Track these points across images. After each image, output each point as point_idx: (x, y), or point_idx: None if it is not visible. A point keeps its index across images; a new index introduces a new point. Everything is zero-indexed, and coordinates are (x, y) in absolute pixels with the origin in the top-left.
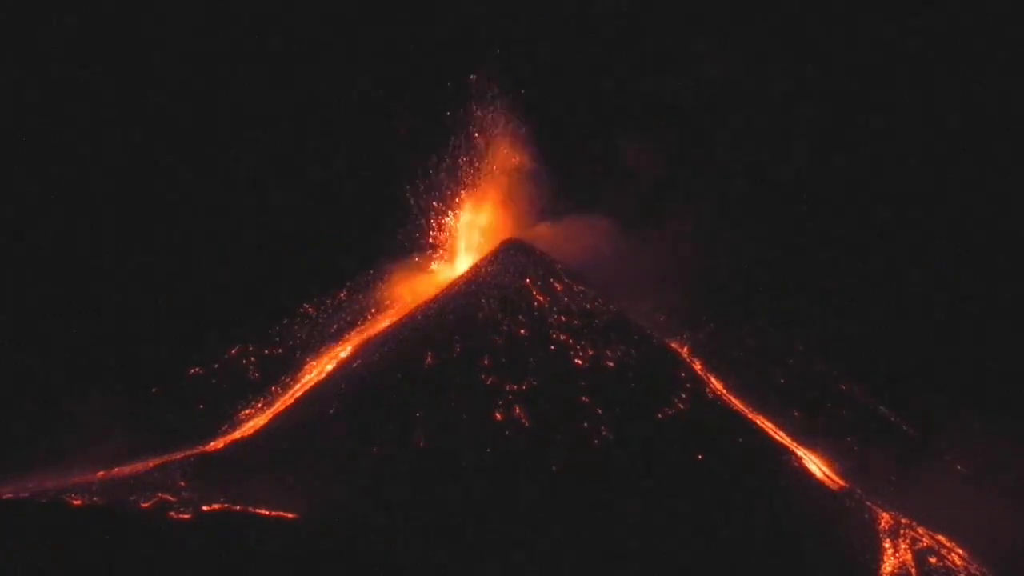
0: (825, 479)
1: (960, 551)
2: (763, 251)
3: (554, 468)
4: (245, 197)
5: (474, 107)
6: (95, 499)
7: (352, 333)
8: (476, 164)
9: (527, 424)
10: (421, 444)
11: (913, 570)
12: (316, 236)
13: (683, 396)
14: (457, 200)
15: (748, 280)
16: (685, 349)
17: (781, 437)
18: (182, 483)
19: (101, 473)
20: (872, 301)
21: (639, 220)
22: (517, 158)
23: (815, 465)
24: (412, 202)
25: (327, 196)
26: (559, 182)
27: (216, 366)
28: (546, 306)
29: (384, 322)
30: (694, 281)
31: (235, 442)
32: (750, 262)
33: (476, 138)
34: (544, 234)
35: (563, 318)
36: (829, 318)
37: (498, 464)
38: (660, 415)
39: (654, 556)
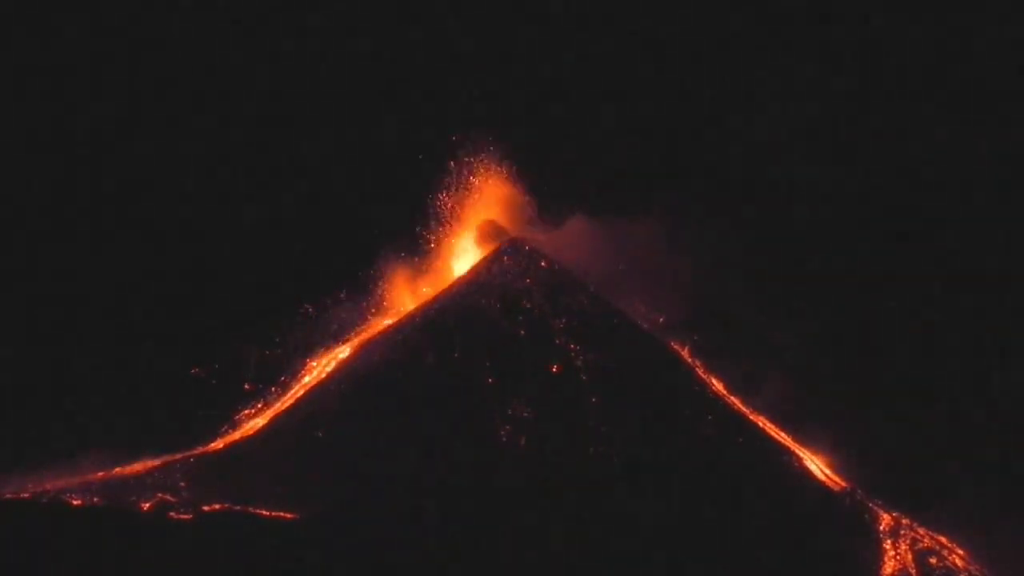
0: (825, 479)
1: (960, 551)
2: (765, 251)
3: (554, 469)
4: (245, 197)
5: (475, 108)
6: (95, 499)
7: (352, 333)
8: (478, 164)
9: (527, 424)
10: (421, 444)
11: (913, 570)
12: (316, 236)
13: (684, 397)
14: (458, 200)
15: (749, 280)
16: (685, 350)
17: (781, 437)
18: (182, 483)
19: (101, 473)
20: (873, 301)
21: (640, 220)
22: (519, 158)
23: (815, 465)
24: (412, 202)
25: (327, 196)
26: (561, 182)
27: (216, 366)
28: (546, 306)
29: (384, 322)
30: (695, 281)
31: (235, 442)
32: (752, 262)
33: (477, 138)
34: (545, 234)
35: (563, 319)
36: (830, 318)
37: (498, 464)
38: (660, 416)
39: (654, 556)
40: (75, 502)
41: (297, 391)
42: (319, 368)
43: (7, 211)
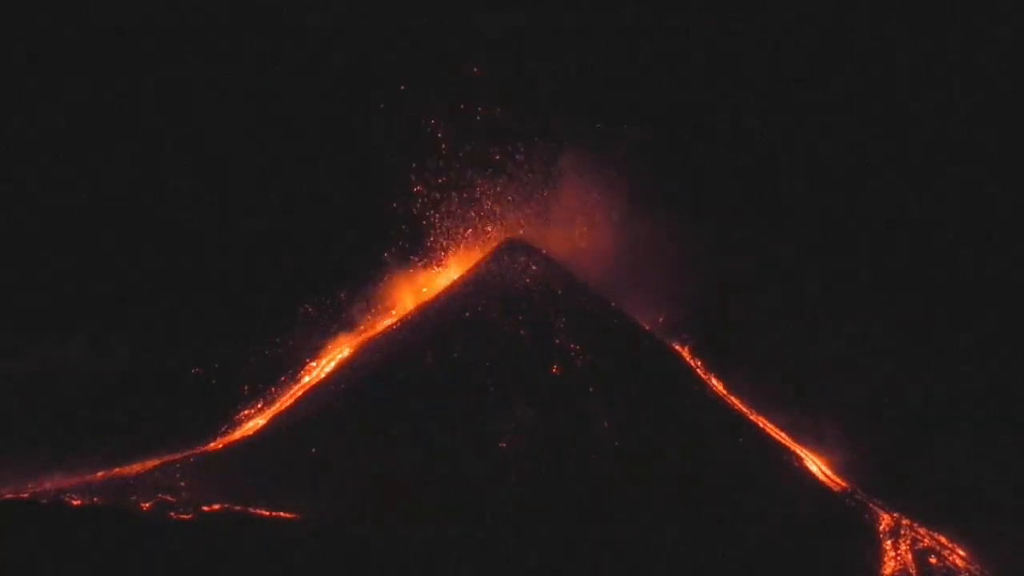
0: (825, 479)
1: (960, 551)
2: (765, 252)
3: (554, 469)
4: (245, 197)
5: (475, 107)
6: (95, 499)
7: (352, 333)
8: (478, 163)
9: (527, 425)
10: (421, 445)
11: (913, 570)
12: (316, 236)
13: (684, 396)
14: (458, 200)
15: (749, 280)
16: (686, 349)
17: (781, 437)
18: (182, 483)
19: (101, 473)
20: (872, 301)
21: (640, 220)
22: (519, 158)
23: (815, 465)
24: (413, 202)
25: (327, 196)
26: (561, 182)
27: (216, 366)
28: (546, 306)
29: (384, 322)
30: (695, 281)
31: (235, 442)
32: (751, 262)
33: (478, 137)
34: (545, 234)
35: (563, 318)
36: (829, 318)
37: (498, 465)
38: (661, 415)
39: (654, 556)
40: (75, 502)
41: (297, 391)
42: (319, 368)
43: (7, 210)
